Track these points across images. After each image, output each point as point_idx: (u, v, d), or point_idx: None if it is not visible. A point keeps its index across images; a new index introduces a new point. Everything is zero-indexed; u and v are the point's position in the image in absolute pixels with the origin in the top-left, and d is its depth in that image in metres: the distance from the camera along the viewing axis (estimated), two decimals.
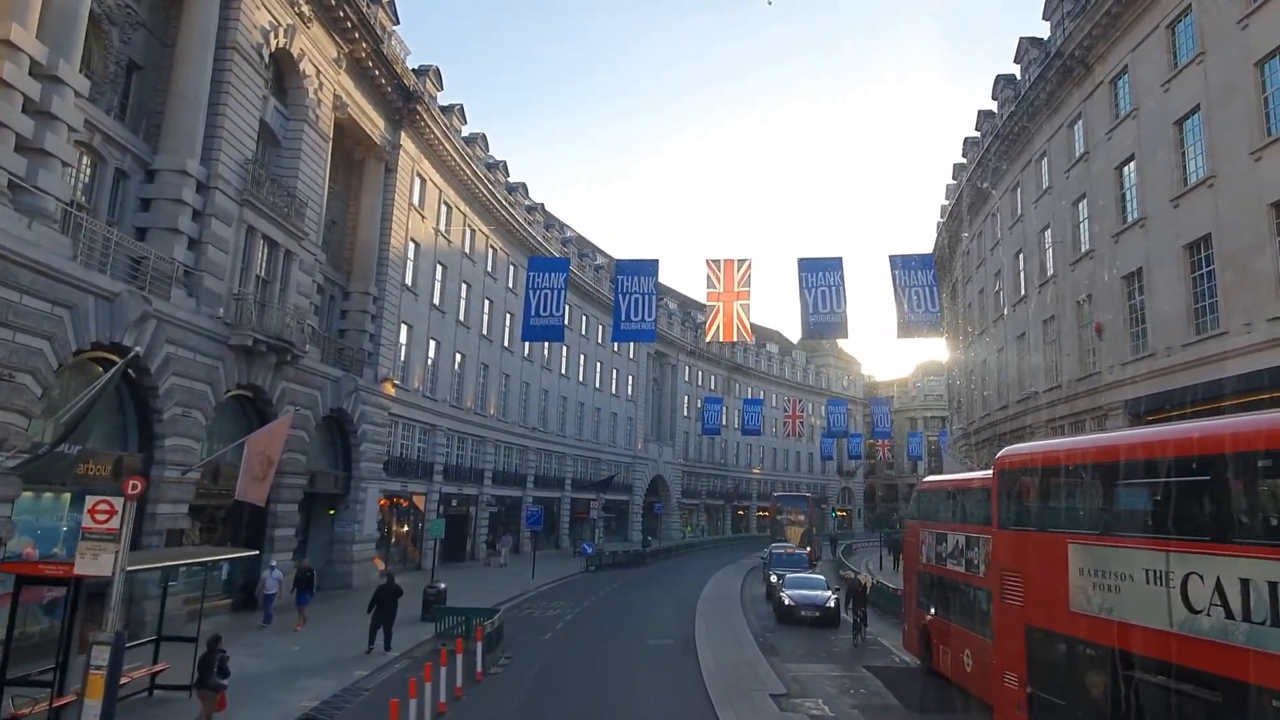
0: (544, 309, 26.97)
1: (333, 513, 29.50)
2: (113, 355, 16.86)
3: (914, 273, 26.14)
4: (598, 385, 60.71)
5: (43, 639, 13.86)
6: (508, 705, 14.38)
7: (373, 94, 30.32)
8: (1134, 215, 24.59)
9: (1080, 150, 28.16)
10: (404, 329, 34.31)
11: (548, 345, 52.41)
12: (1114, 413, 25.27)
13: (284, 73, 25.15)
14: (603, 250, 65.41)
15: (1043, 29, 32.14)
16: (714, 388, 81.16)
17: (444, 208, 38.41)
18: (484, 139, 42.66)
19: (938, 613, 16.06)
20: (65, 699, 10.91)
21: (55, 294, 15.07)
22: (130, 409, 18.68)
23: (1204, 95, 21.28)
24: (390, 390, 31.98)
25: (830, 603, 22.59)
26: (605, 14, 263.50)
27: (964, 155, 42.52)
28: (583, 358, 58.35)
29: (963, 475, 21.31)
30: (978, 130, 39.33)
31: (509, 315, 47.22)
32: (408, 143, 33.52)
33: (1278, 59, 18.72)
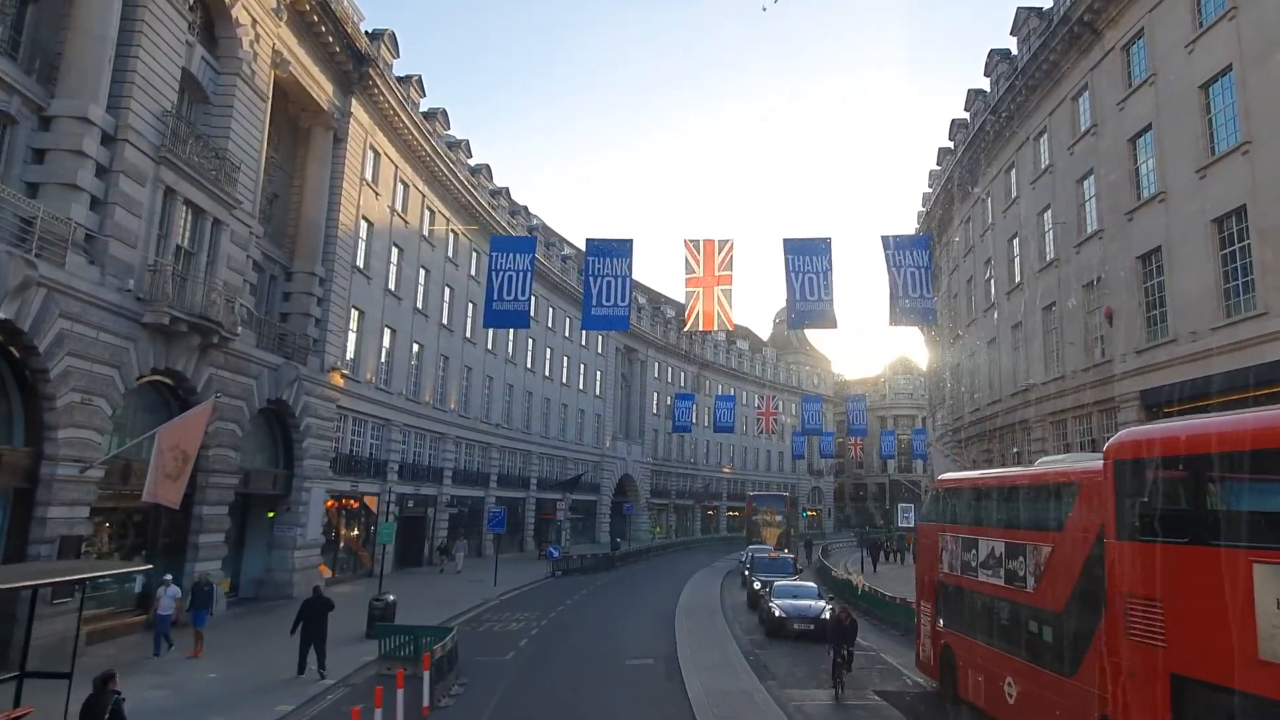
0: (508, 292, 24.57)
1: (272, 515, 26.66)
2: None
3: (908, 254, 24.11)
4: (565, 381, 58.11)
5: None
6: None
7: (319, 54, 27.49)
8: (1151, 190, 22.65)
9: (1086, 124, 26.25)
10: (355, 314, 31.49)
11: (512, 338, 49.75)
12: (1127, 404, 23.34)
13: (214, 19, 22.30)
14: (570, 242, 62.80)
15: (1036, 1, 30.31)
16: (684, 384, 78.92)
17: (400, 186, 35.62)
18: (444, 115, 39.86)
19: (964, 631, 13.82)
20: None
21: None
22: (15, 395, 15.83)
23: (1236, 55, 19.35)
24: (338, 381, 29.17)
25: (826, 614, 20.31)
26: (571, 8, 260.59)
27: (951, 138, 40.65)
28: (549, 351, 55.72)
29: (1002, 471, 19.03)
30: (967, 110, 37.42)
31: (471, 304, 44.44)
32: (360, 111, 30.72)
33: None
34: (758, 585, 26.44)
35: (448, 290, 41.36)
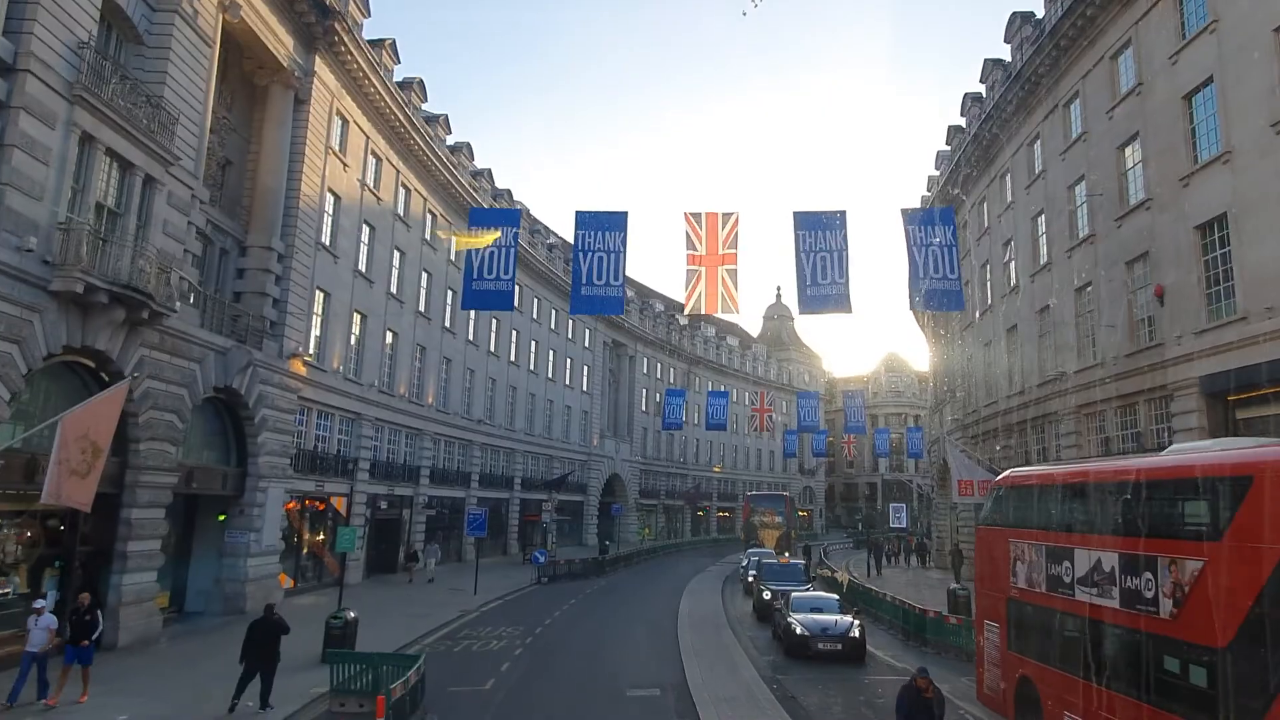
0: (489, 271, 21.87)
1: (223, 519, 23.73)
2: None
3: (930, 230, 21.55)
4: (550, 375, 55.25)
5: None
6: None
7: (277, 1, 24.59)
8: (1212, 151, 20.11)
9: (1129, 84, 23.71)
10: (319, 296, 28.55)
11: (495, 329, 46.88)
12: (1183, 392, 20.78)
13: None
14: (556, 232, 59.93)
15: None
16: (673, 381, 76.23)
17: (372, 159, 32.69)
18: (421, 86, 36.95)
19: (1052, 663, 11.16)
20: None
21: None
22: None
23: None
24: (300, 369, 26.24)
25: (854, 631, 17.63)
26: (552, 3, 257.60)
27: (963, 114, 38.13)
28: (534, 344, 52.84)
29: (1113, 462, 16.25)
30: (983, 83, 34.89)
31: (450, 291, 41.55)
32: (325, 72, 27.79)
33: None
34: (768, 596, 23.77)
35: (425, 275, 38.47)
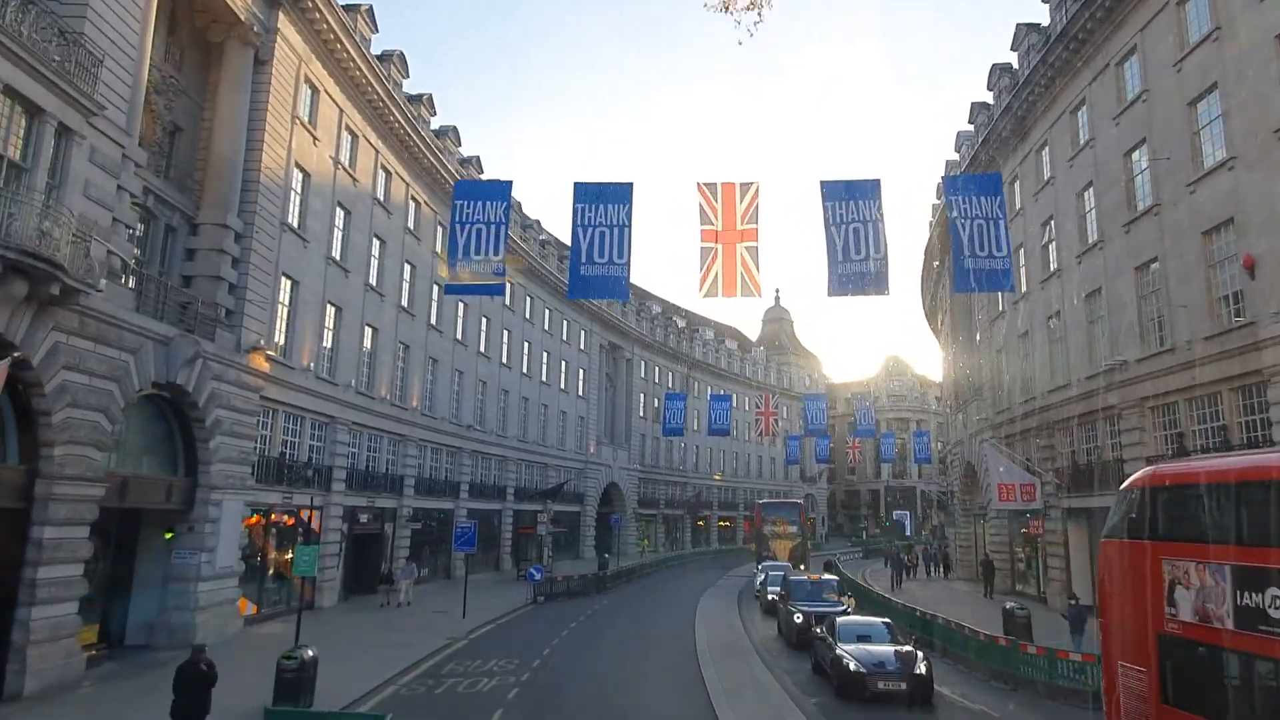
0: (476, 250, 18.94)
1: (170, 536, 20.53)
2: None
3: (975, 200, 18.61)
4: (544, 378, 52.11)
5: None
6: None
7: None
8: None
9: (1204, 30, 20.87)
10: (286, 284, 25.42)
11: (484, 328, 43.75)
12: None
13: None
14: (548, 230, 56.77)
15: None
16: (672, 385, 73.19)
17: (347, 135, 29.61)
18: (402, 59, 33.89)
19: None
20: None
21: None
22: None
23: None
24: (262, 364, 23.09)
25: (919, 666, 14.55)
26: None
27: (990, 87, 35.29)
28: (527, 345, 49.71)
29: None
30: (1014, 49, 32.05)
31: (437, 286, 38.43)
32: (290, 30, 24.75)
33: None
34: (799, 618, 20.66)
35: (408, 268, 35.35)
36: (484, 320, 43.70)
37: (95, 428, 16.27)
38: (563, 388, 55.01)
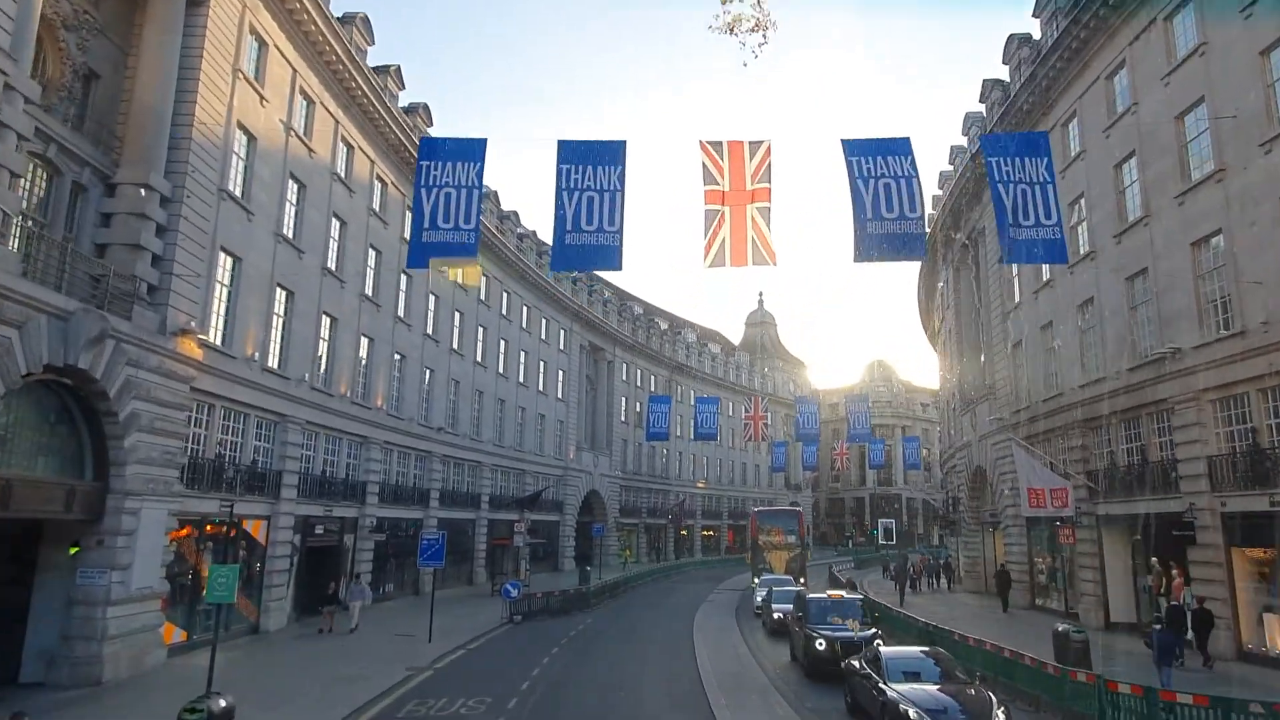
0: (444, 217, 16.22)
1: (75, 552, 17.20)
2: None
3: (1019, 164, 16.04)
4: (522, 379, 48.91)
5: None
6: None
7: None
8: None
9: None
10: (225, 261, 22.17)
11: (458, 323, 40.60)
12: None
13: None
14: (525, 224, 53.53)
15: None
16: (654, 388, 70.19)
17: (301, 100, 26.42)
18: (365, 23, 30.65)
19: None
20: None
21: None
22: None
23: None
24: (193, 350, 19.79)
25: (998, 713, 11.61)
26: None
27: (1005, 61, 32.73)
28: (503, 343, 46.53)
29: None
30: (1036, 15, 29.45)
31: (407, 277, 35.29)
32: None
33: None
34: (822, 645, 17.65)
35: (373, 253, 32.13)
36: (457, 315, 40.53)
37: None
38: (541, 389, 51.82)
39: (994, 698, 12.19)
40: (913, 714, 11.61)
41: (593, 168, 16.03)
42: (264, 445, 24.42)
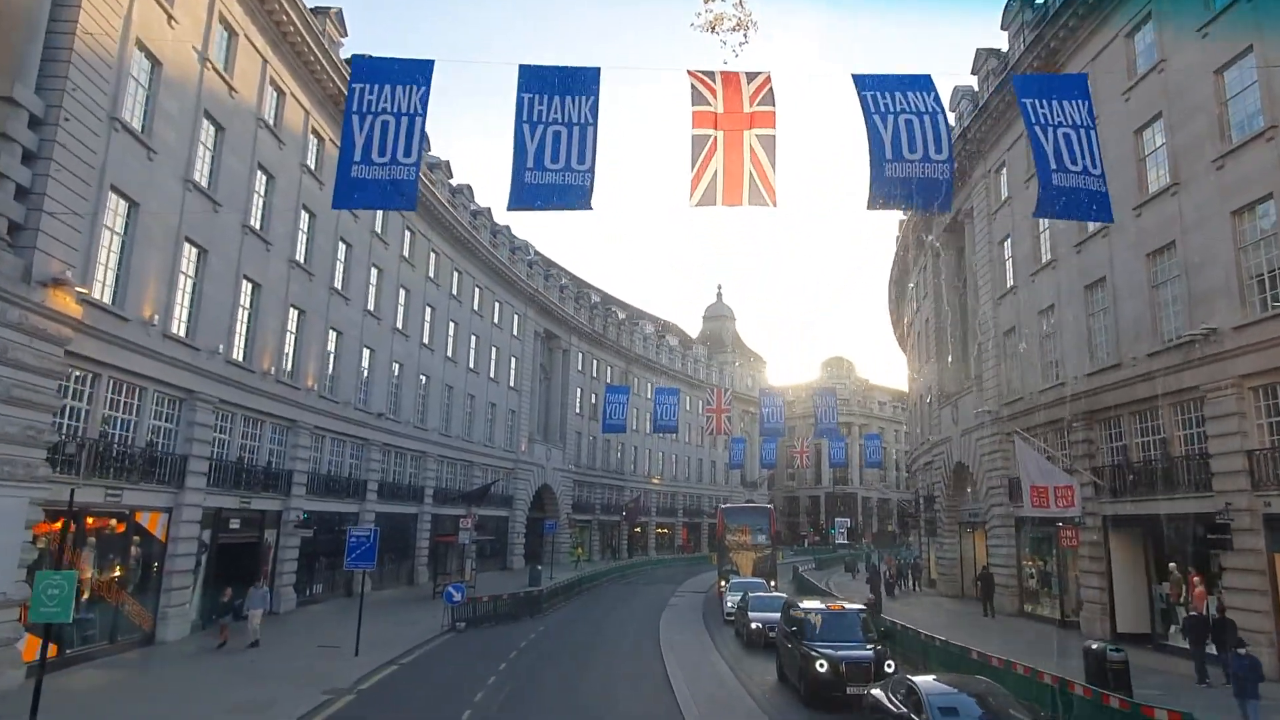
0: (380, 151, 13.22)
1: None
2: None
3: (1058, 107, 13.67)
4: (472, 365, 45.52)
5: None
6: None
7: None
8: None
9: None
10: (116, 203, 18.62)
11: (403, 300, 37.20)
12: None
13: None
14: (477, 202, 50.10)
15: None
16: (611, 380, 67.19)
17: (220, 29, 22.89)
18: None
19: None
20: None
21: None
22: None
23: None
24: (69, 305, 16.29)
25: None
26: None
27: (1004, 27, 30.44)
28: (453, 325, 43.13)
29: None
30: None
31: (345, 245, 31.82)
32: None
33: None
34: (822, 667, 14.89)
35: (306, 215, 28.64)
36: (403, 292, 37.13)
37: None
38: (493, 377, 48.48)
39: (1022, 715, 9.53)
40: None
41: (560, 98, 13.25)
42: (165, 426, 20.91)
